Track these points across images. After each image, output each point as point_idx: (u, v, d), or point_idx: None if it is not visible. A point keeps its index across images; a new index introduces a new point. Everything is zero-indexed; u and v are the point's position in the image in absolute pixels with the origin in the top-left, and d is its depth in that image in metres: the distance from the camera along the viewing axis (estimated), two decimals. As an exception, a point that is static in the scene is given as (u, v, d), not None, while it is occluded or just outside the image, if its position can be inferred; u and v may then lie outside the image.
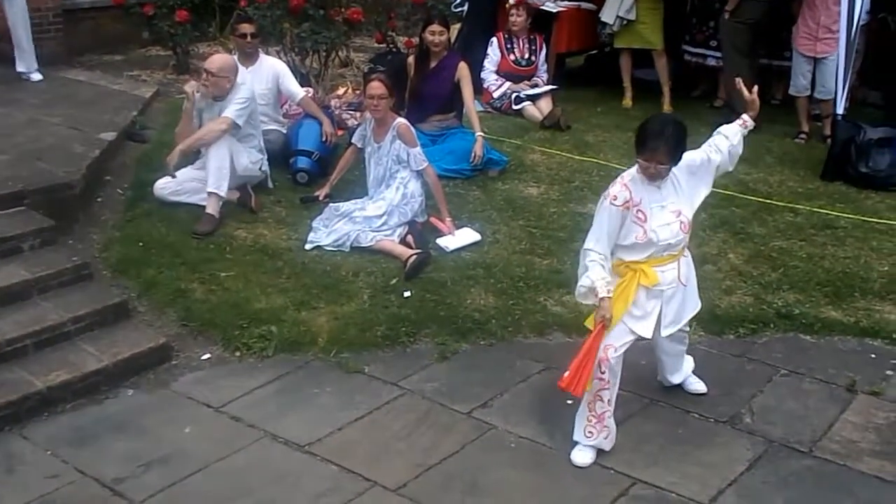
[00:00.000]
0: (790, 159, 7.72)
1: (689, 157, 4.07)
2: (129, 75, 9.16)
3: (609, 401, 4.04)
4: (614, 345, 3.98)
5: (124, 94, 8.21)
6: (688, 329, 4.40)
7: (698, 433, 4.31)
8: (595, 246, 3.90)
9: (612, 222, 3.89)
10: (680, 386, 4.58)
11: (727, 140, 4.23)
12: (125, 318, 5.11)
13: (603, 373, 3.97)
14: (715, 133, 4.28)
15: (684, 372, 4.56)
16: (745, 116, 4.30)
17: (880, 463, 4.08)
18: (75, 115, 7.31)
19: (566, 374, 3.93)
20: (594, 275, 3.86)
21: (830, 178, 7.20)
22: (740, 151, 4.29)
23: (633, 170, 3.97)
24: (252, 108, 6.20)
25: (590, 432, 4.07)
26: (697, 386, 4.58)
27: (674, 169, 3.96)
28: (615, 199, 3.88)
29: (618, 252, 3.99)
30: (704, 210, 6.45)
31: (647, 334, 4.07)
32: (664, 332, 4.14)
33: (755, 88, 4.36)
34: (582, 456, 4.09)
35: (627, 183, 3.92)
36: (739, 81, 4.46)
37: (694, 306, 4.29)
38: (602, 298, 3.86)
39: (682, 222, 3.98)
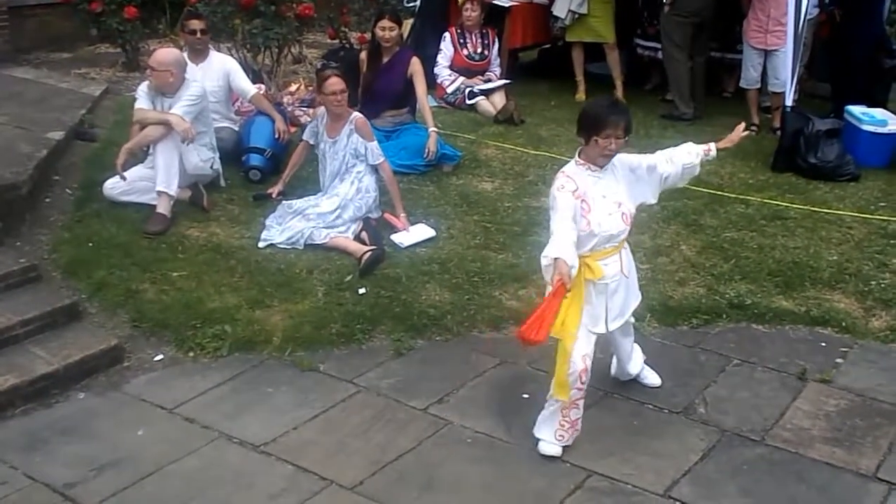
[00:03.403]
0: (741, 151, 7.78)
1: (632, 157, 4.07)
2: (78, 73, 9.00)
3: (581, 405, 4.06)
4: (589, 353, 3.97)
5: (72, 93, 8.07)
6: (632, 319, 4.39)
7: (653, 424, 4.35)
8: (559, 226, 3.76)
9: (568, 206, 3.80)
10: (635, 378, 4.61)
11: (687, 157, 4.20)
12: (76, 319, 5.04)
13: (583, 382, 3.98)
14: (677, 147, 4.25)
15: (637, 362, 4.59)
16: (711, 145, 4.28)
17: (831, 450, 4.14)
18: (22, 114, 7.17)
19: (522, 326, 3.69)
20: (556, 238, 3.70)
21: (780, 170, 7.30)
22: (696, 173, 4.30)
23: (572, 164, 3.96)
24: (202, 105, 6.13)
25: (560, 436, 4.08)
26: (653, 379, 4.61)
27: (615, 160, 3.97)
28: (562, 188, 3.85)
29: None
30: (657, 202, 6.49)
31: (602, 330, 4.08)
32: (611, 326, 4.13)
33: (743, 133, 4.35)
34: (552, 447, 4.08)
35: (570, 175, 3.91)
36: (740, 128, 4.41)
37: (636, 297, 4.30)
38: (557, 259, 3.66)
39: (623, 213, 3.97)
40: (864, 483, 3.94)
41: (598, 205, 3.90)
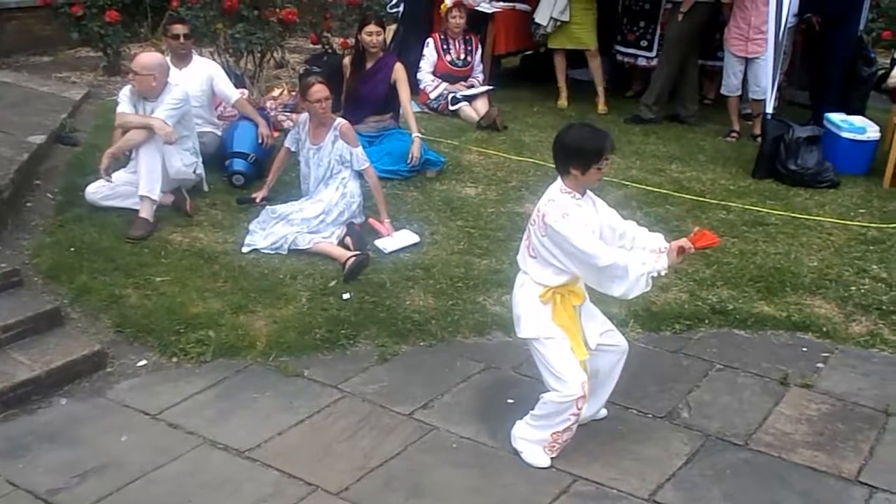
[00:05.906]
0: (722, 158, 7.88)
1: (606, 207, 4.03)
2: (58, 77, 8.98)
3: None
4: (585, 380, 3.93)
5: (53, 97, 8.04)
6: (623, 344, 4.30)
7: (637, 429, 4.36)
8: (600, 249, 3.72)
9: (585, 231, 3.76)
10: (619, 382, 4.60)
11: (643, 252, 3.99)
12: (58, 325, 4.99)
13: (580, 408, 3.97)
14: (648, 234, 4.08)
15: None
16: (663, 263, 3.92)
17: (813, 453, 4.17)
18: (2, 118, 7.14)
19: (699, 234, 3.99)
20: (637, 257, 3.79)
21: (761, 176, 7.37)
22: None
23: (556, 191, 3.85)
24: (185, 109, 6.11)
25: (551, 448, 4.07)
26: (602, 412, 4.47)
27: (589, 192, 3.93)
28: (566, 215, 3.75)
29: (547, 277, 3.89)
30: (640, 209, 6.56)
31: (590, 347, 4.05)
32: (591, 343, 4.04)
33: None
34: (544, 458, 4.07)
35: (561, 204, 3.80)
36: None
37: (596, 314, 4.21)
38: (663, 261, 3.86)
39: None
40: (847, 487, 3.97)
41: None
